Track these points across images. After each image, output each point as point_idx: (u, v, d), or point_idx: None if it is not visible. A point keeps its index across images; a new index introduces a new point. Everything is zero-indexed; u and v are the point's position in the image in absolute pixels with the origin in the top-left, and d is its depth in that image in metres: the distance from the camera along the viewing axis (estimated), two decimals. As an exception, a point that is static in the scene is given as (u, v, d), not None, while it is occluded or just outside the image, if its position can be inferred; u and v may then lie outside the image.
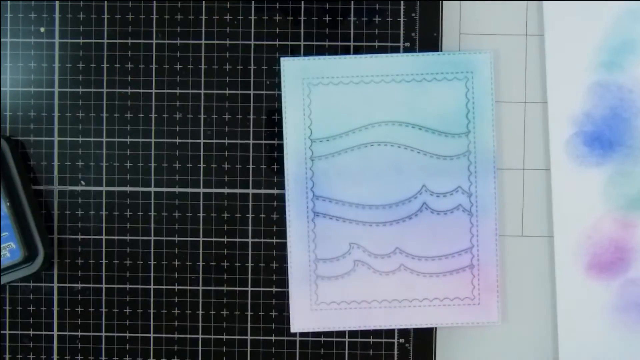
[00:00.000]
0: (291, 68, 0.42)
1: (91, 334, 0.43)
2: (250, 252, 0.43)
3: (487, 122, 0.41)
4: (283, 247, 0.43)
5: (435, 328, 0.42)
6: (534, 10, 0.42)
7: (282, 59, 0.42)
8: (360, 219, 0.42)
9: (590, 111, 0.41)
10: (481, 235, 0.42)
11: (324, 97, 0.42)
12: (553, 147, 0.41)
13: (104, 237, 0.43)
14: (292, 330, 0.42)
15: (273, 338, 0.43)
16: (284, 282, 0.42)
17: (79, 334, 0.43)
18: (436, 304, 0.42)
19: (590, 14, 0.41)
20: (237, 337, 0.43)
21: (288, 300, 0.42)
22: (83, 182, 0.43)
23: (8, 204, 0.41)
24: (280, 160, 0.43)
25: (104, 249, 0.43)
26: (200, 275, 0.43)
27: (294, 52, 0.42)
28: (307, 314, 0.42)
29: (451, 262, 0.42)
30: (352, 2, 0.42)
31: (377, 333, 0.43)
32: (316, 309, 0.42)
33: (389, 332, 0.43)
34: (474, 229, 0.42)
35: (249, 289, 0.43)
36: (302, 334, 0.43)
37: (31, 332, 0.43)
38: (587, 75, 0.41)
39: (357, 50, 0.42)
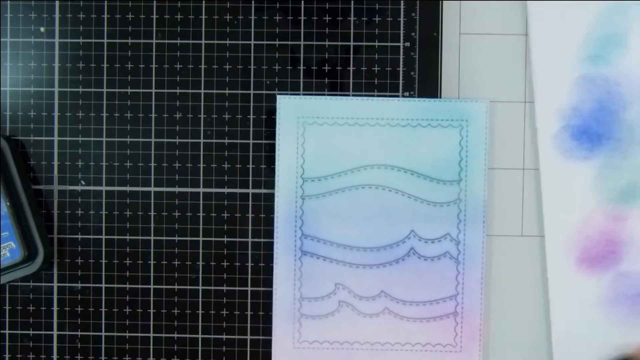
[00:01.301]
0: (287, 106, 0.42)
1: (91, 333, 0.43)
2: (250, 252, 0.43)
3: (480, 170, 0.41)
4: (283, 247, 0.43)
5: None
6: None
7: (278, 96, 0.42)
8: (348, 260, 0.42)
9: (578, 105, 0.41)
10: (467, 283, 0.42)
11: (318, 136, 0.42)
12: (541, 142, 0.42)
13: (104, 237, 0.43)
14: None
15: (273, 338, 0.43)
16: (283, 282, 0.42)
17: (79, 333, 0.43)
18: (418, 349, 0.42)
19: (574, 8, 0.41)
20: (237, 337, 0.43)
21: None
22: (83, 182, 0.43)
23: (8, 204, 0.41)
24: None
25: (104, 249, 0.43)
26: (200, 275, 0.43)
27: (294, 52, 0.43)
28: (289, 352, 0.42)
29: (435, 308, 0.42)
30: (352, 2, 0.42)
31: None
32: (298, 347, 0.42)
33: None
34: (460, 277, 0.42)
35: (249, 289, 0.43)
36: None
37: (31, 332, 0.43)
38: (574, 69, 0.41)
39: (357, 51, 0.42)
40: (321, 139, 0.42)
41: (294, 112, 0.42)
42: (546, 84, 0.41)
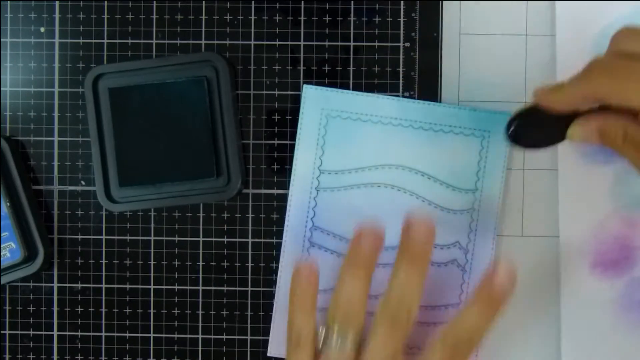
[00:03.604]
0: (313, 96, 0.42)
1: (91, 334, 0.43)
2: (250, 252, 0.43)
3: (497, 183, 0.41)
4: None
5: None
6: (534, 10, 0.42)
7: (305, 85, 0.42)
8: None
9: None
10: (471, 293, 0.41)
11: (339, 130, 0.42)
12: (561, 144, 0.41)
13: (104, 237, 0.43)
14: (268, 354, 0.42)
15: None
16: (284, 282, 0.42)
17: (79, 334, 0.43)
18: (415, 352, 0.41)
19: (601, 11, 0.41)
20: (237, 337, 0.43)
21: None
22: (83, 182, 0.43)
23: (8, 204, 0.41)
24: (280, 160, 0.43)
25: (104, 249, 0.43)
26: (200, 275, 0.43)
27: (294, 52, 0.42)
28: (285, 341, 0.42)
29: (436, 314, 0.41)
30: (352, 2, 0.42)
31: None
32: None
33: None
34: (465, 286, 0.41)
35: (249, 289, 0.43)
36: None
37: (31, 332, 0.43)
38: None
39: (357, 51, 0.42)
40: (343, 133, 0.42)
41: (319, 103, 0.42)
42: None
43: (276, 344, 0.42)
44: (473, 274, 0.41)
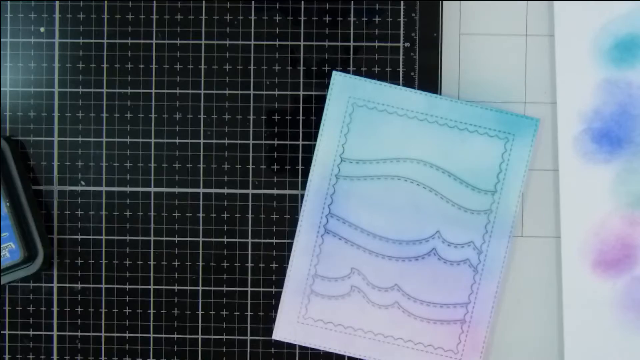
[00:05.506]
0: (340, 83, 0.42)
1: (91, 334, 0.43)
2: (250, 252, 0.43)
3: (516, 187, 0.41)
4: (283, 247, 0.43)
5: None
6: (534, 10, 0.42)
7: (334, 72, 0.42)
8: (368, 247, 0.42)
9: (600, 108, 0.41)
10: (480, 294, 0.41)
11: (365, 120, 0.42)
12: (561, 143, 0.41)
13: (104, 237, 0.43)
14: (273, 337, 0.42)
15: (272, 338, 0.43)
16: (283, 282, 0.42)
17: (79, 334, 0.43)
18: (420, 348, 0.41)
19: (600, 10, 0.41)
20: (237, 337, 0.43)
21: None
22: (83, 182, 0.43)
23: (8, 204, 0.41)
24: (280, 161, 0.43)
25: (103, 249, 0.43)
26: (200, 275, 0.43)
27: (294, 52, 0.42)
28: (292, 325, 0.42)
29: (445, 312, 0.41)
30: (352, 2, 0.42)
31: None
32: (303, 322, 0.42)
33: None
34: (475, 286, 0.41)
35: (249, 289, 0.43)
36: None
37: (31, 332, 0.43)
38: (597, 72, 0.41)
39: (357, 51, 0.42)
40: (367, 122, 0.42)
41: (346, 91, 0.42)
42: (569, 86, 0.41)
43: (283, 327, 0.42)
44: (484, 275, 0.41)
